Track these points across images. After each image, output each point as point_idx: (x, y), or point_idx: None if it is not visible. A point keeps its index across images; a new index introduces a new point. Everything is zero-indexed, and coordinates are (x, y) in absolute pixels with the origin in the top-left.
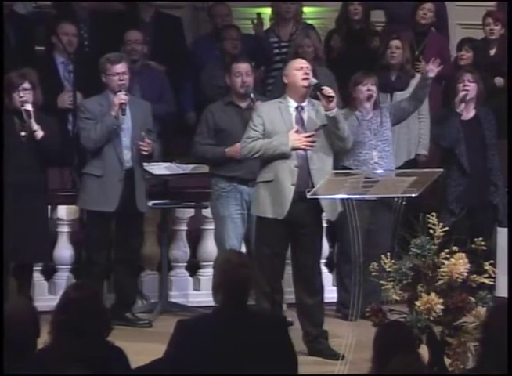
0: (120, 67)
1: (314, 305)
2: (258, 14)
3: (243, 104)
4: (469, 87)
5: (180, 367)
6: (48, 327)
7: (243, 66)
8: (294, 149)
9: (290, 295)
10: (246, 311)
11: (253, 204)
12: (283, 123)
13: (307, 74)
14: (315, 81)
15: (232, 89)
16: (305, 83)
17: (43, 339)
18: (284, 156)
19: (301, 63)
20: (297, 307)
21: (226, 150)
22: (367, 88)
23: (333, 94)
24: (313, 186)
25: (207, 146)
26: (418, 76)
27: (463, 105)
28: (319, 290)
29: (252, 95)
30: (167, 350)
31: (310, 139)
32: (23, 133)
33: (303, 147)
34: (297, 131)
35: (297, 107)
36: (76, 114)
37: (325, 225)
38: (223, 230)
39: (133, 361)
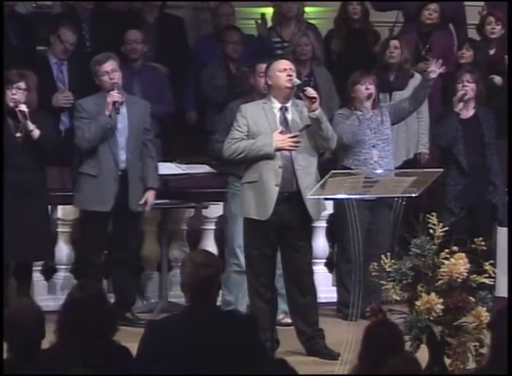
0: (108, 66)
1: (306, 304)
2: (263, 14)
3: None
4: (468, 87)
5: (151, 367)
6: (53, 327)
7: None
8: (278, 149)
9: None
10: (214, 310)
11: (239, 205)
12: (267, 124)
13: (290, 75)
14: (298, 81)
15: (255, 89)
16: (288, 84)
17: (47, 339)
18: (268, 156)
19: (284, 64)
20: (290, 307)
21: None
22: (365, 87)
23: (315, 95)
24: (298, 187)
25: (223, 143)
26: (417, 76)
27: (461, 104)
28: (311, 289)
29: None
30: (137, 351)
31: (294, 139)
32: (18, 134)
33: (287, 148)
34: (281, 132)
35: (281, 108)
36: (69, 115)
37: (325, 225)
38: (233, 228)
39: None
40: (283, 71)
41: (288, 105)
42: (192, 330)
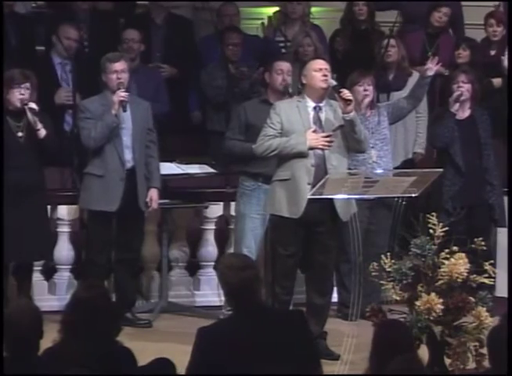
0: (119, 65)
1: (323, 305)
2: (269, 17)
3: None
4: (463, 88)
5: (207, 374)
6: (54, 327)
7: (285, 65)
8: (311, 148)
9: (296, 295)
10: (262, 311)
11: (268, 203)
12: (301, 122)
13: (325, 75)
14: (334, 82)
15: (271, 87)
16: (324, 85)
17: (47, 338)
18: (301, 155)
19: (320, 64)
20: (307, 306)
21: (253, 146)
22: (364, 88)
23: (351, 97)
24: None
25: (235, 141)
26: (415, 74)
27: (457, 105)
28: (330, 290)
29: (290, 90)
30: (191, 359)
31: (327, 138)
32: (19, 134)
33: (320, 147)
34: (314, 131)
35: (315, 107)
36: (74, 114)
37: None
38: (241, 228)
39: None
40: (319, 71)
41: (322, 104)
42: (245, 333)
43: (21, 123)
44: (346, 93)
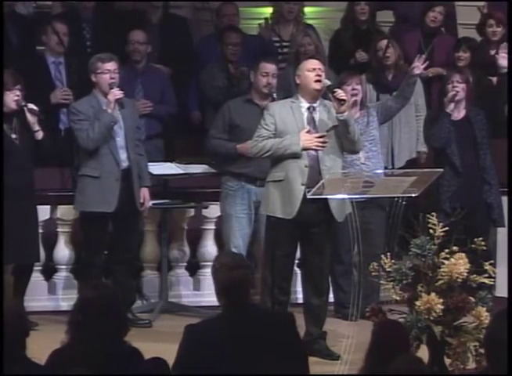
0: (111, 65)
1: (320, 305)
2: (266, 19)
3: (263, 103)
4: (458, 88)
5: (192, 372)
6: (57, 326)
7: (271, 67)
8: (305, 149)
9: (293, 295)
10: (251, 311)
11: (263, 203)
12: (295, 123)
13: (319, 75)
14: (328, 82)
15: (255, 87)
16: (317, 86)
17: (47, 338)
18: (295, 155)
19: (313, 64)
20: (304, 307)
21: (238, 146)
22: (352, 87)
23: (345, 97)
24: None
25: (219, 140)
26: None
27: (452, 105)
28: (326, 290)
29: (275, 95)
30: (177, 356)
31: (321, 139)
32: (13, 135)
33: (314, 147)
34: (308, 132)
35: (308, 108)
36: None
37: None
38: (228, 229)
39: None
40: (312, 71)
41: (316, 105)
42: (233, 331)
43: (12, 125)
44: (340, 93)
